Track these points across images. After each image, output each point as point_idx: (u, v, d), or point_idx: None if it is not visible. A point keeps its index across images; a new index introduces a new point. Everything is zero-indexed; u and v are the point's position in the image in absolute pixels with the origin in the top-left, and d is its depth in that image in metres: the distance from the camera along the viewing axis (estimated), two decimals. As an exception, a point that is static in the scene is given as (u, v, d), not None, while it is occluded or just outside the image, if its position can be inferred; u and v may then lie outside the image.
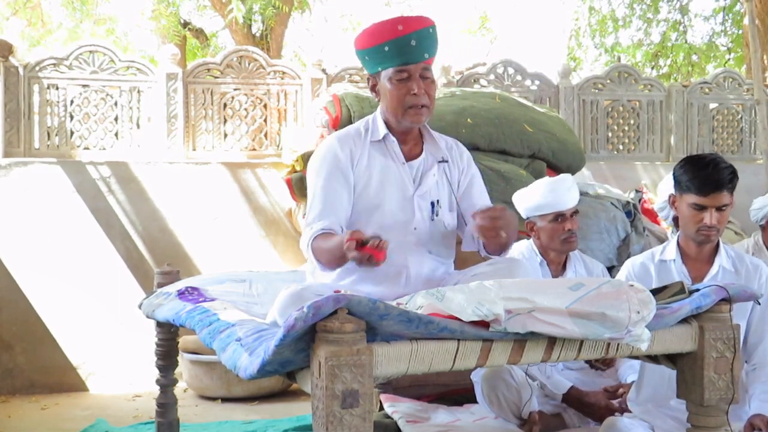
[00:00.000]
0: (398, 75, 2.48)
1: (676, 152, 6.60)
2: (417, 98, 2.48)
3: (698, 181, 2.69)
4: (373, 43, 2.48)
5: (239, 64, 5.72)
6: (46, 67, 5.38)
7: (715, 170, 2.68)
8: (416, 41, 2.44)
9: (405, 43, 2.43)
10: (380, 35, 2.46)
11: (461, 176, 2.69)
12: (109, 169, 5.30)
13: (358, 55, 2.57)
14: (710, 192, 2.68)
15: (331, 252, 2.35)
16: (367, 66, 2.57)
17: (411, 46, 2.44)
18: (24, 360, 5.06)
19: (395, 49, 2.44)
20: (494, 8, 18.36)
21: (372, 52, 2.49)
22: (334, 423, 1.67)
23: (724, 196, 2.70)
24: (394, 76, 2.48)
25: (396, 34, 2.43)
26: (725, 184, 2.69)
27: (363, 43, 2.52)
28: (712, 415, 2.09)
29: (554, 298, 1.81)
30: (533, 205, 3.45)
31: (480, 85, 6.20)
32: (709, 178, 2.68)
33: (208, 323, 2.41)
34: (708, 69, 12.97)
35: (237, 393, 4.70)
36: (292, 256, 5.46)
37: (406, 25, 2.44)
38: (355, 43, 2.56)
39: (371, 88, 2.61)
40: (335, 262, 2.38)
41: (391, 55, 2.45)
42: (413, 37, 2.44)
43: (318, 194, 2.52)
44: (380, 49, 2.46)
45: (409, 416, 3.37)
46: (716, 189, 2.68)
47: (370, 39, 2.49)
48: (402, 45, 2.44)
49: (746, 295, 2.16)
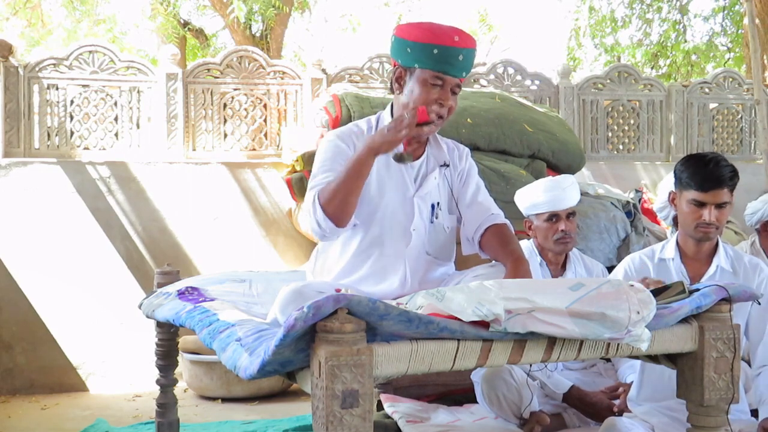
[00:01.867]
0: (434, 80, 2.45)
1: (676, 152, 6.60)
2: (440, 108, 2.47)
3: (699, 177, 2.70)
4: (425, 40, 2.43)
5: (239, 64, 5.72)
6: (46, 67, 5.38)
7: (716, 167, 2.69)
8: (463, 57, 2.44)
9: (454, 55, 2.42)
10: (436, 36, 2.43)
11: (461, 178, 2.69)
12: (109, 169, 5.30)
13: (398, 42, 2.51)
14: (710, 188, 2.69)
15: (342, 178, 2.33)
16: (402, 56, 2.50)
17: (458, 60, 2.43)
18: (24, 360, 5.06)
19: (444, 56, 2.42)
20: (494, 8, 18.37)
21: (419, 47, 2.44)
22: (334, 423, 1.67)
23: (724, 194, 2.71)
24: (430, 79, 2.45)
25: (451, 43, 2.42)
26: (726, 181, 2.70)
27: (412, 35, 2.47)
28: (712, 415, 2.09)
29: (554, 298, 1.81)
30: (530, 203, 3.47)
31: (480, 85, 6.20)
32: (710, 174, 2.69)
33: (208, 323, 2.41)
34: (708, 69, 12.97)
35: (237, 393, 4.70)
36: (292, 256, 5.47)
37: (461, 39, 2.44)
38: (400, 31, 2.51)
39: (396, 78, 2.55)
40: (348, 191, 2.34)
41: (437, 59, 2.43)
42: (463, 53, 2.43)
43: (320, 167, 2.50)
44: (429, 48, 2.42)
45: (409, 416, 3.37)
46: (716, 185, 2.69)
47: (424, 35, 2.44)
48: (451, 55, 2.42)
49: (746, 295, 2.16)
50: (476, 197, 2.66)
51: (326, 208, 2.36)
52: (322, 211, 2.36)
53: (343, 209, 2.37)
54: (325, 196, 2.37)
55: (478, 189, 2.69)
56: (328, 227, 2.38)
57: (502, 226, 2.59)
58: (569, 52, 13.60)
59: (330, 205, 2.36)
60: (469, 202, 2.65)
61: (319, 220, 2.38)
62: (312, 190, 2.43)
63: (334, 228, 2.39)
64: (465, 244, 2.65)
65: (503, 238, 2.54)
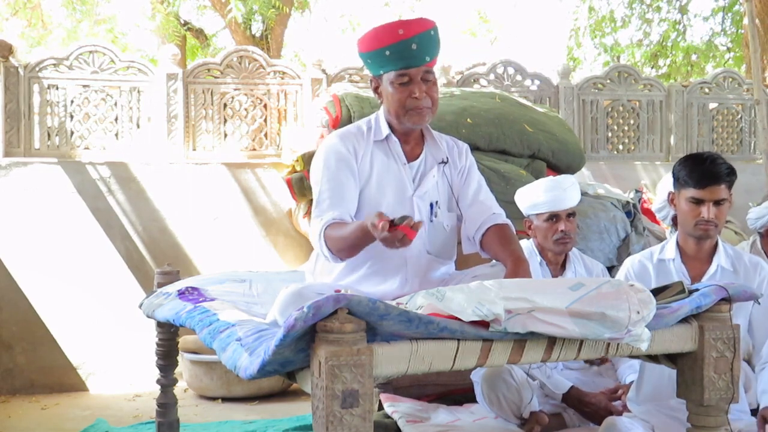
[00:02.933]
0: (399, 79, 2.48)
1: (676, 152, 6.60)
2: (418, 101, 2.48)
3: (696, 174, 2.73)
4: (374, 47, 2.48)
5: (239, 64, 5.72)
6: (46, 67, 5.38)
7: (712, 164, 2.72)
8: (417, 45, 2.44)
9: (406, 47, 2.44)
10: (381, 39, 2.46)
11: (461, 176, 2.69)
12: (109, 169, 5.30)
13: (360, 57, 2.58)
14: (708, 185, 2.72)
15: (347, 239, 2.34)
16: (369, 68, 2.57)
17: (412, 50, 2.44)
18: (24, 360, 5.06)
19: (396, 54, 2.45)
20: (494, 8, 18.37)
21: (373, 55, 2.50)
22: (334, 423, 1.67)
23: (721, 190, 2.73)
24: (396, 80, 2.48)
25: (397, 38, 2.43)
26: (723, 178, 2.72)
27: (365, 47, 2.53)
28: (712, 415, 2.09)
29: (554, 298, 1.81)
30: (531, 203, 3.47)
31: (480, 85, 6.20)
32: (707, 171, 2.72)
33: (208, 323, 2.41)
34: (708, 69, 12.97)
35: (237, 393, 4.70)
36: (292, 256, 5.47)
37: (407, 29, 2.44)
38: (357, 46, 2.57)
39: (374, 90, 2.61)
40: (351, 249, 2.37)
41: (392, 59, 2.46)
42: (414, 41, 2.44)
43: (325, 186, 2.52)
44: (381, 53, 2.47)
45: (409, 416, 3.37)
46: (714, 182, 2.72)
47: (372, 43, 2.49)
48: (403, 49, 2.44)
49: (746, 295, 2.16)
50: (477, 196, 2.66)
51: (332, 251, 2.42)
52: (329, 251, 2.42)
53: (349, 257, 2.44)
54: (332, 245, 2.41)
55: (479, 187, 2.69)
56: (335, 261, 2.48)
57: (504, 226, 2.59)
58: (569, 52, 13.59)
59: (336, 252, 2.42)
60: (471, 201, 2.65)
61: (327, 256, 2.45)
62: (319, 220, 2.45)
63: (340, 261, 2.49)
64: (465, 243, 2.65)
65: (504, 238, 2.54)
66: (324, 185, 2.52)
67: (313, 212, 2.53)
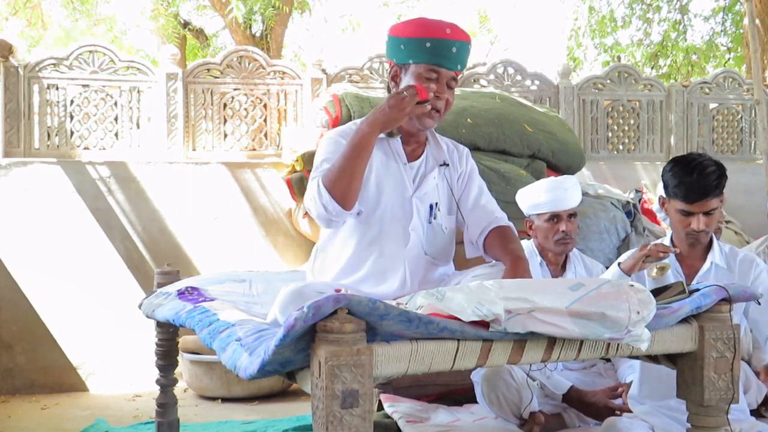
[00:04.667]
0: (429, 73, 2.47)
1: (676, 152, 6.59)
2: (437, 101, 2.47)
3: (684, 188, 2.67)
4: (417, 35, 2.45)
5: (239, 64, 5.72)
6: (46, 67, 5.38)
7: (700, 176, 2.65)
8: (457, 50, 2.45)
9: (447, 47, 2.44)
10: (427, 30, 2.45)
11: (462, 180, 2.68)
12: (109, 169, 5.30)
13: (392, 41, 2.53)
14: (696, 200, 2.68)
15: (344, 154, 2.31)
16: (396, 54, 2.52)
17: (451, 52, 2.44)
18: (24, 360, 5.06)
19: (436, 49, 2.44)
20: (494, 8, 18.38)
21: (412, 42, 2.46)
22: (334, 423, 1.67)
23: (711, 202, 2.69)
24: (425, 73, 2.47)
25: (442, 35, 2.43)
26: (711, 191, 2.67)
27: (405, 32, 2.49)
28: (712, 415, 2.09)
29: (554, 298, 1.81)
30: (532, 203, 3.47)
31: (480, 85, 6.20)
32: (695, 185, 2.66)
33: (208, 323, 2.41)
34: (708, 69, 12.97)
35: (237, 393, 4.70)
36: (292, 256, 5.47)
37: (453, 32, 2.45)
38: (393, 29, 2.53)
39: (392, 77, 2.57)
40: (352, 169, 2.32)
41: (430, 53, 2.44)
42: (456, 45, 2.44)
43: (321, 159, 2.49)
44: (422, 42, 2.44)
45: (409, 416, 3.37)
46: (702, 196, 2.67)
47: (415, 30, 2.47)
48: (444, 47, 2.44)
49: (746, 295, 2.16)
50: (479, 201, 2.65)
51: (331, 189, 2.34)
52: (327, 193, 2.34)
53: (349, 188, 2.35)
54: (329, 177, 2.35)
55: (480, 192, 2.68)
56: (335, 210, 2.35)
57: (505, 227, 2.58)
58: (569, 52, 13.59)
59: (335, 186, 2.34)
60: (472, 206, 2.64)
61: (325, 203, 2.35)
62: (314, 179, 2.42)
63: (340, 211, 2.36)
64: (469, 247, 2.64)
65: (505, 238, 2.54)
66: (321, 165, 2.49)
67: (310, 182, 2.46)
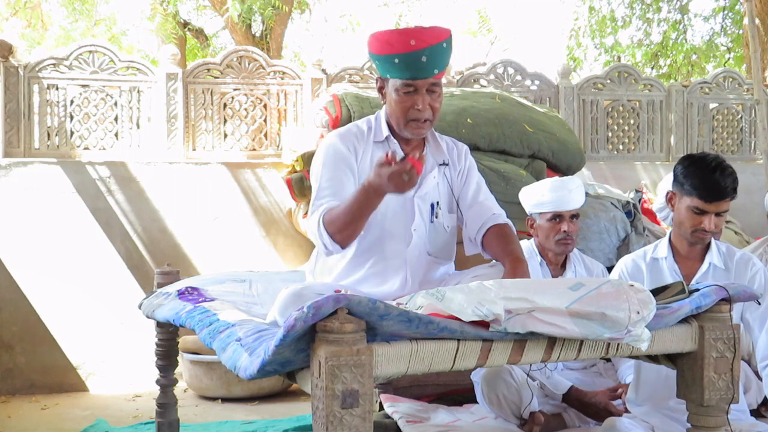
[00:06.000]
0: (405, 88, 2.46)
1: (676, 152, 6.60)
2: (420, 113, 2.47)
3: (703, 188, 2.66)
4: (384, 52, 2.45)
5: (239, 64, 5.72)
6: (46, 67, 5.38)
7: (721, 177, 2.65)
8: (427, 57, 2.40)
9: (416, 59, 2.40)
10: (392, 46, 2.42)
11: (461, 177, 2.69)
12: (109, 169, 5.30)
13: (370, 55, 2.55)
14: (715, 200, 2.67)
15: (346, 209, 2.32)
16: (377, 67, 2.55)
17: (421, 62, 2.40)
18: (24, 360, 5.06)
19: (405, 64, 2.41)
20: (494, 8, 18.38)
21: (382, 59, 2.47)
22: (334, 423, 1.67)
23: (726, 203, 2.70)
24: (401, 88, 2.46)
25: (407, 49, 2.38)
26: (730, 192, 2.68)
27: (374, 49, 2.50)
28: (712, 415, 2.09)
29: (554, 298, 1.81)
30: (535, 201, 3.47)
31: (480, 85, 6.20)
32: (716, 185, 2.66)
33: (208, 323, 2.41)
34: (708, 69, 12.97)
35: (237, 393, 4.70)
36: (292, 256, 5.47)
37: (419, 40, 2.39)
38: (368, 43, 2.53)
39: (378, 89, 2.60)
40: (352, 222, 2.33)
41: (400, 68, 2.43)
42: (425, 53, 2.39)
43: (325, 184, 2.50)
44: (390, 59, 2.43)
45: (409, 416, 3.37)
46: (721, 197, 2.67)
47: (382, 47, 2.45)
48: (413, 60, 2.40)
49: (746, 295, 2.16)
50: (477, 197, 2.65)
51: (333, 236, 2.38)
52: (330, 238, 2.38)
53: (350, 237, 2.40)
54: (332, 225, 2.37)
55: (479, 189, 2.68)
56: (335, 249, 2.42)
57: (504, 225, 2.59)
58: (569, 52, 13.59)
59: (337, 234, 2.38)
60: (471, 202, 2.64)
61: (326, 243, 2.40)
62: (316, 210, 2.43)
63: (340, 249, 2.43)
64: (467, 244, 2.65)
65: (504, 238, 2.54)
66: (323, 182, 2.51)
67: (310, 207, 2.50)
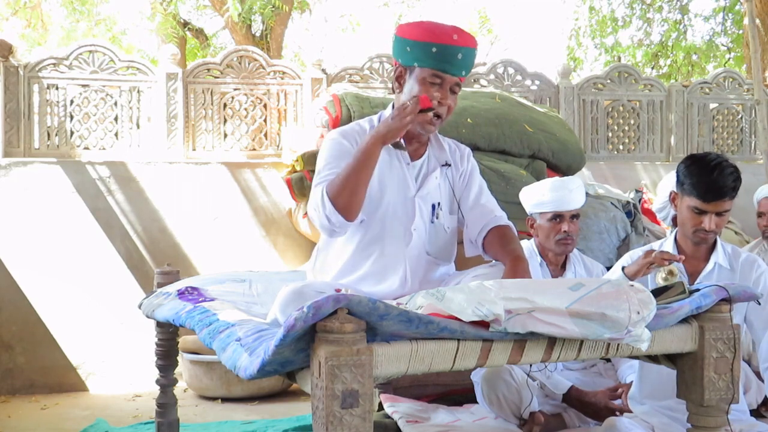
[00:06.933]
0: (433, 78, 2.46)
1: (676, 152, 6.60)
2: (439, 106, 2.47)
3: (702, 187, 2.66)
4: (424, 39, 2.44)
5: (239, 64, 5.72)
6: (46, 67, 5.38)
7: (720, 176, 2.64)
8: (463, 56, 2.44)
9: (453, 53, 2.43)
10: (434, 35, 2.43)
11: (463, 179, 2.69)
12: (109, 169, 5.30)
13: (398, 41, 2.52)
14: (713, 199, 2.67)
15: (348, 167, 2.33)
16: (402, 55, 2.52)
17: (457, 59, 2.44)
18: (24, 360, 5.06)
19: (442, 54, 2.43)
20: (494, 8, 18.38)
21: (418, 45, 2.45)
22: (334, 423, 1.67)
23: (726, 203, 2.69)
24: (429, 78, 2.46)
25: (449, 41, 2.42)
26: (729, 192, 2.67)
27: (412, 34, 2.48)
28: (712, 415, 2.09)
29: (554, 298, 1.81)
30: (536, 201, 3.47)
31: (480, 85, 6.20)
32: (714, 184, 2.65)
33: (207, 323, 2.41)
34: (708, 69, 12.97)
35: (237, 393, 4.70)
36: (292, 256, 5.46)
37: (460, 37, 2.44)
38: (401, 30, 2.52)
39: (396, 77, 2.56)
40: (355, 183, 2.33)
41: (435, 58, 2.43)
42: (462, 51, 2.44)
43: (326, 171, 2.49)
44: (428, 47, 2.43)
45: (409, 416, 3.37)
46: (720, 197, 2.67)
47: (423, 34, 2.45)
48: (450, 53, 2.43)
49: (746, 296, 2.16)
50: (479, 199, 2.65)
51: (335, 201, 2.35)
52: (331, 204, 2.35)
53: (353, 201, 2.36)
54: (333, 189, 2.36)
55: (480, 191, 2.68)
56: (338, 221, 2.37)
57: (505, 227, 2.58)
58: (569, 52, 13.60)
59: (339, 197, 2.35)
60: (472, 204, 2.64)
61: (329, 214, 2.36)
62: (318, 186, 2.42)
63: (343, 222, 2.38)
64: (468, 246, 2.65)
65: (504, 238, 2.54)
66: (324, 170, 2.49)
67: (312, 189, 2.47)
